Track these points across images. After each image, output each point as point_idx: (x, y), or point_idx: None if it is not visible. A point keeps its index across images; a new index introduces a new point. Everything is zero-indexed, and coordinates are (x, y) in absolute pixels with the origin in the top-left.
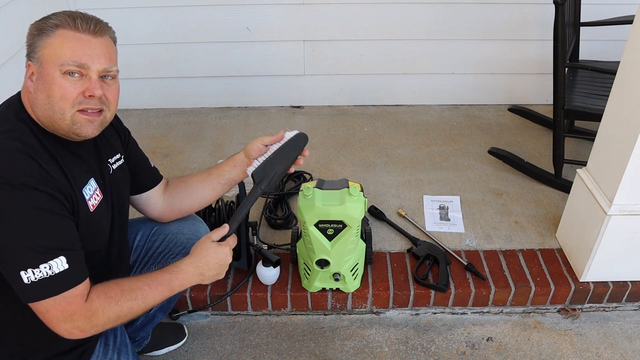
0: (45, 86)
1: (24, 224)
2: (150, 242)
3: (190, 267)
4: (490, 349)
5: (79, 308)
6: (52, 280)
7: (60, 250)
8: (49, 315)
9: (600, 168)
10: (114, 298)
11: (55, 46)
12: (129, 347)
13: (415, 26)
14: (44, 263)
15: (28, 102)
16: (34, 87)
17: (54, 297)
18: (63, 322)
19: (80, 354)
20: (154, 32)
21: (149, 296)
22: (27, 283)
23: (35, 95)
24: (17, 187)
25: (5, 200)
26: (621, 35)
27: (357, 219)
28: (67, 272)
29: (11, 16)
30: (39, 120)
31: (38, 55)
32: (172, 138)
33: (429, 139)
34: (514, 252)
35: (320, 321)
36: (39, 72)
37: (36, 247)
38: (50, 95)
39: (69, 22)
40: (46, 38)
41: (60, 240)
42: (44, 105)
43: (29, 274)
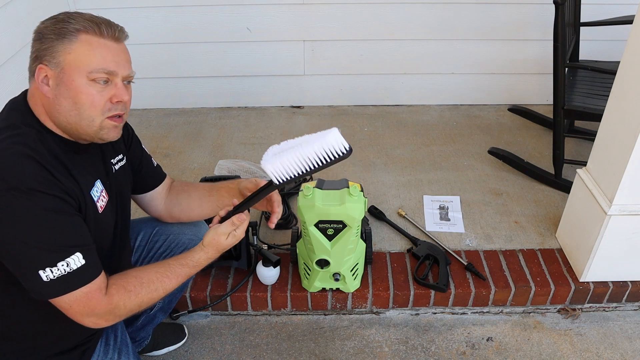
0: (70, 93)
1: (37, 226)
2: (152, 243)
3: (205, 259)
4: (490, 349)
5: (100, 302)
6: (70, 277)
7: (75, 247)
8: (73, 311)
9: (600, 168)
10: (134, 291)
11: (81, 53)
12: (130, 347)
13: (415, 26)
14: (61, 261)
15: (39, 105)
16: (53, 93)
17: (74, 292)
18: (87, 316)
19: (81, 353)
20: (154, 32)
21: (168, 286)
22: (46, 281)
23: (57, 101)
24: (25, 192)
25: (15, 205)
26: (621, 35)
27: (357, 219)
28: (83, 267)
29: (11, 16)
30: (57, 124)
31: (58, 60)
32: (172, 138)
33: (429, 139)
34: (514, 252)
35: (320, 321)
36: (60, 77)
37: (52, 246)
38: (77, 102)
39: (94, 27)
40: (68, 43)
41: (75, 238)
42: (68, 112)
43: (48, 272)
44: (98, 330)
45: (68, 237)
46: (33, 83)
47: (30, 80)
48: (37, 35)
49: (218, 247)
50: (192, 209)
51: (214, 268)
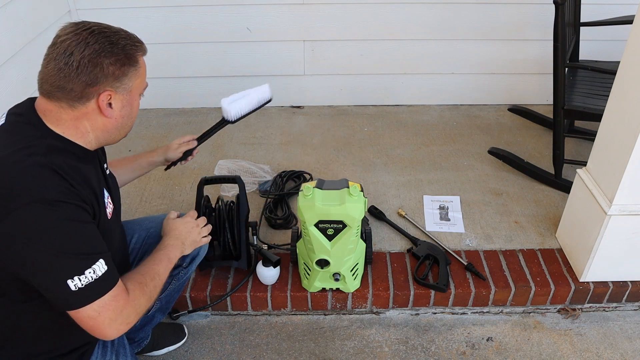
0: (132, 112)
1: (63, 236)
2: (146, 245)
3: (171, 240)
4: (490, 349)
5: (126, 301)
6: (97, 283)
7: (98, 254)
8: (101, 318)
9: (600, 168)
10: (143, 282)
11: (142, 76)
12: (127, 349)
13: (415, 26)
14: (88, 268)
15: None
16: (117, 114)
17: (102, 298)
18: (115, 320)
19: (79, 356)
20: (154, 32)
21: (161, 272)
22: (74, 290)
23: (120, 121)
24: (50, 202)
25: (41, 216)
26: (621, 35)
27: (357, 219)
28: (107, 272)
29: (11, 16)
30: (101, 141)
31: (128, 85)
32: (172, 138)
33: (429, 139)
34: (514, 252)
35: (320, 321)
36: (127, 100)
37: (79, 255)
38: (133, 116)
39: (143, 48)
40: (135, 70)
41: (96, 245)
42: (125, 126)
43: (76, 281)
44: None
45: (91, 245)
46: (83, 107)
47: (79, 104)
48: (96, 61)
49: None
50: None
51: (214, 268)
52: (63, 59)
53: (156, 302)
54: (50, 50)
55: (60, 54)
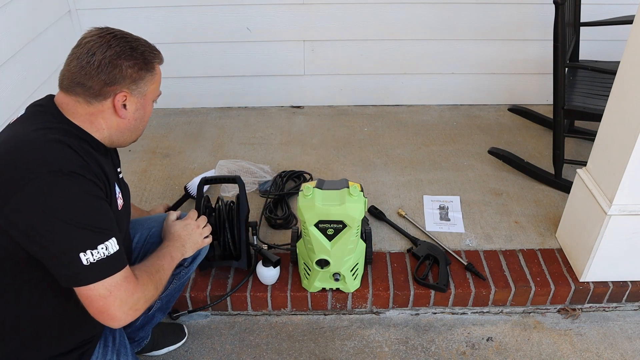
0: (144, 116)
1: (79, 207)
2: (148, 244)
3: (171, 243)
4: (490, 349)
5: (136, 285)
6: (109, 260)
7: (111, 232)
8: (112, 298)
9: (600, 168)
10: (150, 272)
11: (157, 82)
12: (128, 348)
13: (415, 26)
14: (101, 244)
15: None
16: (131, 117)
17: (114, 275)
18: (125, 302)
19: (80, 355)
20: (154, 32)
21: (165, 266)
22: (85, 265)
23: (132, 123)
24: (68, 174)
25: (58, 186)
26: (621, 35)
27: (357, 219)
28: (119, 252)
29: (11, 16)
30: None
31: (143, 89)
32: (172, 138)
33: (429, 139)
34: (514, 252)
35: (320, 321)
36: (141, 103)
37: (93, 228)
38: (145, 121)
39: (160, 57)
40: (151, 75)
41: (110, 223)
42: (136, 129)
43: (88, 255)
44: (98, 331)
45: (105, 221)
46: (99, 105)
47: (95, 100)
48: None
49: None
50: None
51: (214, 268)
52: (85, 58)
53: (157, 301)
54: (75, 50)
55: (84, 54)
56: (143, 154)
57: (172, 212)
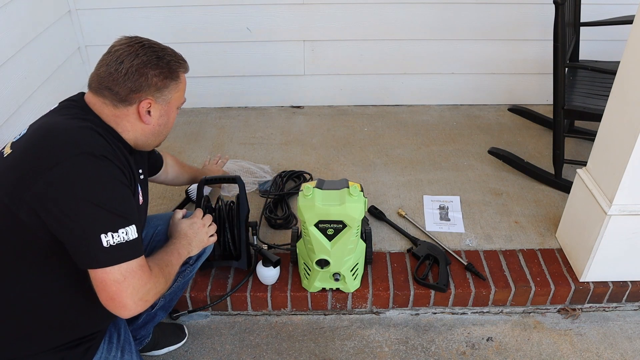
0: (168, 122)
1: (104, 189)
2: (153, 242)
3: (178, 242)
4: (490, 349)
5: (149, 275)
6: (128, 246)
7: (132, 219)
8: (126, 284)
9: (600, 168)
10: (161, 266)
11: (182, 90)
12: (132, 345)
13: (415, 26)
14: (122, 228)
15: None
16: (155, 122)
17: (131, 262)
18: (137, 291)
19: (85, 350)
20: (154, 32)
21: (173, 261)
22: (105, 246)
23: (157, 129)
24: (99, 157)
25: (88, 166)
26: (621, 35)
27: (357, 219)
28: (137, 239)
29: (11, 16)
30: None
31: (167, 97)
32: (172, 138)
33: (429, 139)
34: (514, 252)
35: (320, 321)
36: (165, 110)
37: (117, 211)
38: (168, 126)
39: (186, 66)
40: (176, 84)
41: (132, 211)
42: (160, 134)
43: (109, 237)
44: (103, 327)
45: (128, 208)
46: (125, 109)
47: (121, 105)
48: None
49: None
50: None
51: (214, 268)
52: (114, 65)
53: (160, 299)
54: (105, 56)
55: (113, 61)
56: None
57: (178, 211)
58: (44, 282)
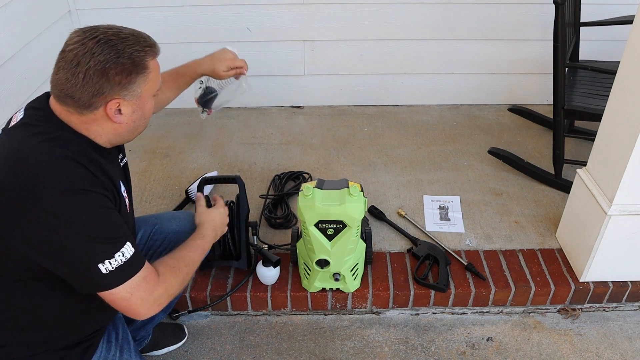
0: (144, 114)
1: (92, 222)
2: (151, 241)
3: (208, 232)
4: (490, 349)
5: (156, 282)
6: (127, 265)
7: (124, 237)
8: (134, 299)
9: (600, 168)
10: (176, 267)
11: (154, 78)
12: (131, 344)
13: (415, 26)
14: (117, 252)
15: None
16: (128, 119)
17: (133, 278)
18: (146, 300)
19: (84, 350)
20: (154, 32)
21: (196, 259)
22: (105, 273)
23: (132, 125)
24: (77, 192)
25: (69, 206)
26: (621, 35)
27: (357, 219)
28: (135, 254)
29: (11, 16)
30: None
31: (138, 92)
32: (172, 138)
33: (429, 139)
34: (514, 252)
35: (320, 321)
36: (137, 104)
37: (108, 239)
38: (146, 118)
39: (154, 50)
40: (144, 76)
41: (122, 230)
42: (138, 127)
43: (106, 265)
44: (102, 326)
45: (118, 230)
46: (90, 114)
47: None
48: (102, 72)
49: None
50: (167, 98)
51: (214, 268)
52: (70, 69)
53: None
54: (60, 57)
55: (68, 63)
56: (143, 154)
57: (202, 197)
58: (42, 287)
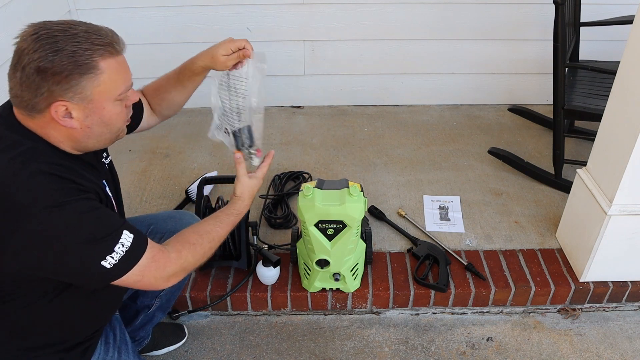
0: (103, 119)
1: (83, 227)
2: None
3: (243, 208)
4: (490, 349)
5: (167, 260)
6: (130, 253)
7: (120, 228)
8: (147, 279)
9: (600, 168)
10: (197, 243)
11: (109, 82)
12: (129, 345)
13: (415, 26)
14: (116, 244)
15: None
16: (82, 124)
17: (140, 261)
18: (160, 277)
19: (83, 351)
20: (154, 32)
21: (221, 234)
22: (110, 268)
23: (88, 130)
24: (57, 205)
25: (54, 220)
26: (621, 35)
27: (357, 219)
28: (135, 239)
29: (11, 16)
30: (79, 148)
31: (86, 94)
32: (172, 138)
33: (429, 139)
34: (514, 252)
35: (320, 321)
36: (90, 109)
37: (104, 237)
38: (110, 124)
39: (109, 49)
40: (94, 77)
41: (116, 221)
42: (101, 134)
43: (109, 259)
44: (100, 328)
45: (111, 224)
46: (42, 117)
47: (36, 113)
48: (37, 71)
49: (247, 189)
50: (175, 100)
51: (214, 268)
52: (12, 65)
53: (156, 300)
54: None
55: (13, 62)
56: (143, 154)
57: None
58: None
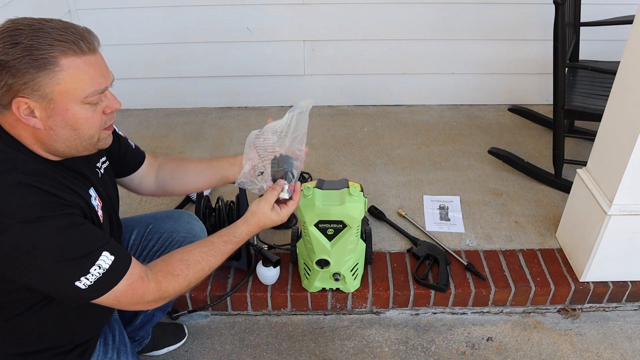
0: (67, 122)
1: (57, 247)
2: (145, 241)
3: (246, 232)
4: (490, 349)
5: (146, 289)
6: (106, 276)
7: (100, 249)
8: (123, 303)
9: (600, 168)
10: (181, 275)
11: (70, 81)
12: (128, 346)
13: (415, 26)
14: (92, 266)
15: (26, 134)
16: (45, 124)
17: (116, 287)
18: (137, 304)
19: (81, 353)
20: (154, 32)
21: (213, 264)
22: (84, 289)
23: (52, 132)
24: (34, 221)
25: (29, 236)
26: (621, 35)
27: (357, 219)
28: (115, 262)
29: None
30: (52, 152)
31: (44, 92)
32: (172, 138)
33: (429, 139)
34: (514, 252)
35: (320, 321)
36: (51, 108)
37: (78, 259)
38: (77, 128)
39: (72, 47)
40: (53, 74)
41: (95, 241)
42: (68, 139)
43: (84, 280)
44: (98, 331)
45: (90, 244)
46: (10, 114)
47: (3, 109)
48: (7, 64)
49: (262, 218)
50: (188, 182)
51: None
52: None
53: None
54: None
55: None
56: None
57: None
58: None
